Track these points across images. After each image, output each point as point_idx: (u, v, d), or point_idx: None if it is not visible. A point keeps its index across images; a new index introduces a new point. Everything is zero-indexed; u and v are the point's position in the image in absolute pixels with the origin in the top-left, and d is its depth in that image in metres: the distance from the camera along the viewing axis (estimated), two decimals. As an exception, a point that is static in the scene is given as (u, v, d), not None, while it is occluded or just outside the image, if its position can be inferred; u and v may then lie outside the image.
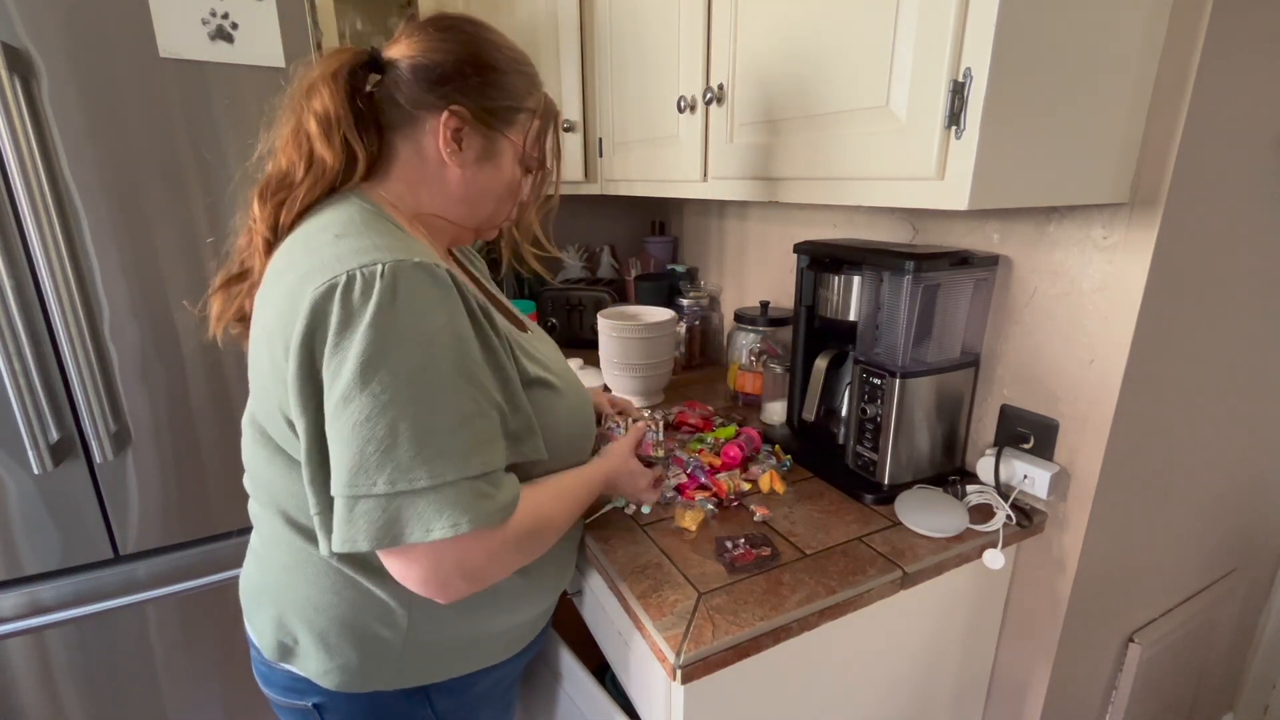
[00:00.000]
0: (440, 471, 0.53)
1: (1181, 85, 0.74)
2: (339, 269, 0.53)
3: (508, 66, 0.68)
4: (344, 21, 1.60)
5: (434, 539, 0.53)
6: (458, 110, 0.65)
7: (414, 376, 0.52)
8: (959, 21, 0.62)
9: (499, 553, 0.59)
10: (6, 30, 0.93)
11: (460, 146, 0.66)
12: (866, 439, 0.98)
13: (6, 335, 0.99)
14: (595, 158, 1.51)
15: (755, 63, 0.94)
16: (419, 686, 0.70)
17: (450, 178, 0.68)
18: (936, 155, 0.66)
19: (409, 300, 0.53)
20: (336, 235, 0.58)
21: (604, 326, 1.34)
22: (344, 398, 0.52)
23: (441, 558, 0.55)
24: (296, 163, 0.63)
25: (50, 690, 1.18)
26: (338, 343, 0.52)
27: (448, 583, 0.56)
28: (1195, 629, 1.20)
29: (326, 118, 0.62)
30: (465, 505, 0.54)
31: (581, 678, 0.90)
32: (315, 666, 0.67)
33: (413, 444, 0.52)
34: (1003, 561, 0.86)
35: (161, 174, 1.06)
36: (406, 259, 0.54)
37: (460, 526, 0.53)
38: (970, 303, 0.95)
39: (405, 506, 0.53)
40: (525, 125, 0.71)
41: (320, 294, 0.52)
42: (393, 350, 0.52)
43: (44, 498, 1.09)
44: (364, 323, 0.52)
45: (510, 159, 0.71)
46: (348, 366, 0.52)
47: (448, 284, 0.56)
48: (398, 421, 0.52)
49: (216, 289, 0.70)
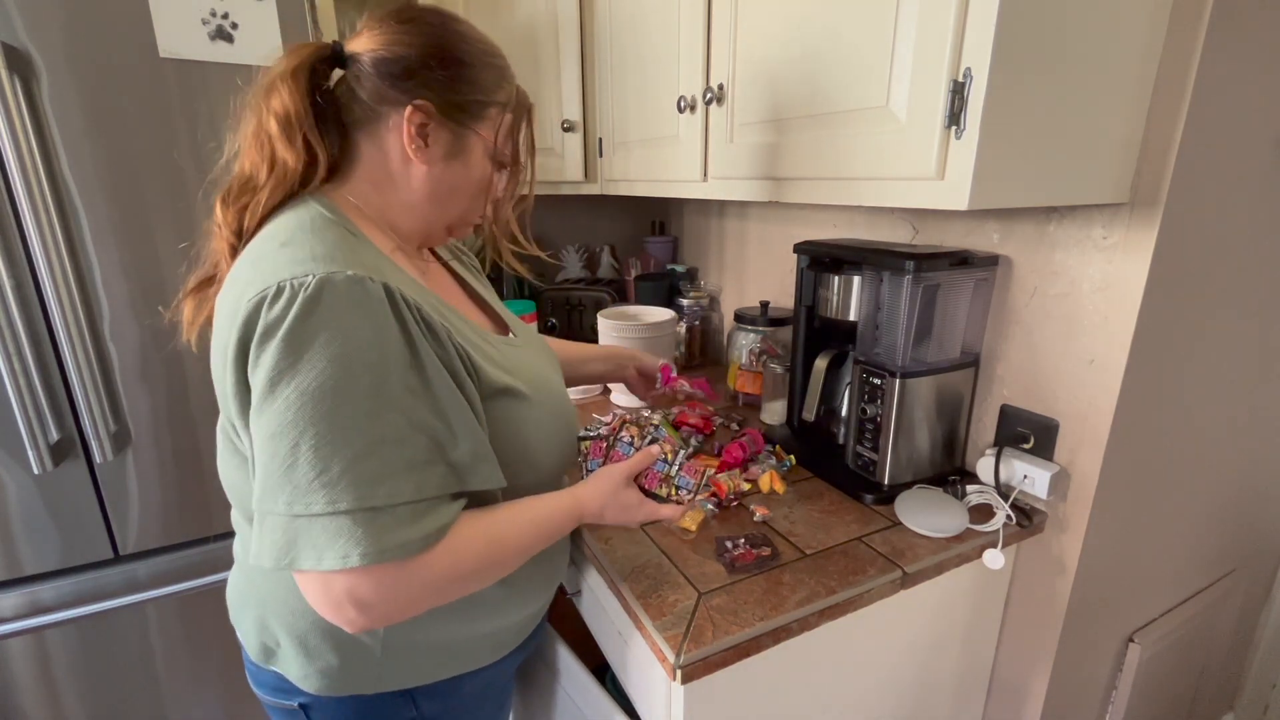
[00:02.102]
0: (336, 499, 0.50)
1: (1181, 85, 0.74)
2: (272, 280, 0.51)
3: (476, 59, 0.65)
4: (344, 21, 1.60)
5: (324, 569, 0.50)
6: (422, 105, 0.62)
7: (321, 395, 0.49)
8: (959, 21, 0.62)
9: (401, 589, 0.54)
10: (6, 30, 0.93)
11: (426, 143, 0.63)
12: (866, 439, 0.98)
13: (6, 335, 0.99)
14: (595, 158, 1.51)
15: (755, 63, 0.94)
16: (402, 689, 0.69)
17: (416, 176, 0.65)
18: (936, 155, 0.66)
19: (329, 315, 0.50)
20: (282, 244, 0.56)
21: (604, 326, 1.34)
22: (256, 410, 0.51)
23: (330, 588, 0.51)
24: (259, 165, 0.61)
25: (50, 690, 1.18)
26: (257, 356, 0.51)
27: (342, 614, 0.53)
28: (1195, 629, 1.20)
29: (286, 117, 0.60)
30: (358, 537, 0.50)
31: (581, 677, 0.90)
32: (296, 670, 0.67)
33: (312, 466, 0.49)
34: (1003, 561, 0.86)
35: (161, 174, 1.06)
36: (339, 271, 0.52)
37: (350, 559, 0.50)
38: (970, 303, 0.95)
39: (302, 531, 0.50)
40: (496, 120, 0.67)
41: (252, 305, 0.51)
42: (303, 366, 0.50)
43: (44, 498, 1.09)
44: (278, 335, 0.50)
45: (480, 155, 0.67)
46: (259, 379, 0.51)
47: (380, 299, 0.53)
48: (300, 440, 0.49)
49: (189, 292, 0.67)
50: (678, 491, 0.73)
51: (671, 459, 0.75)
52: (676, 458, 0.75)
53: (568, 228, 2.01)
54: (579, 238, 2.03)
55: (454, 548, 0.56)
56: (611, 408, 1.38)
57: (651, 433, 0.78)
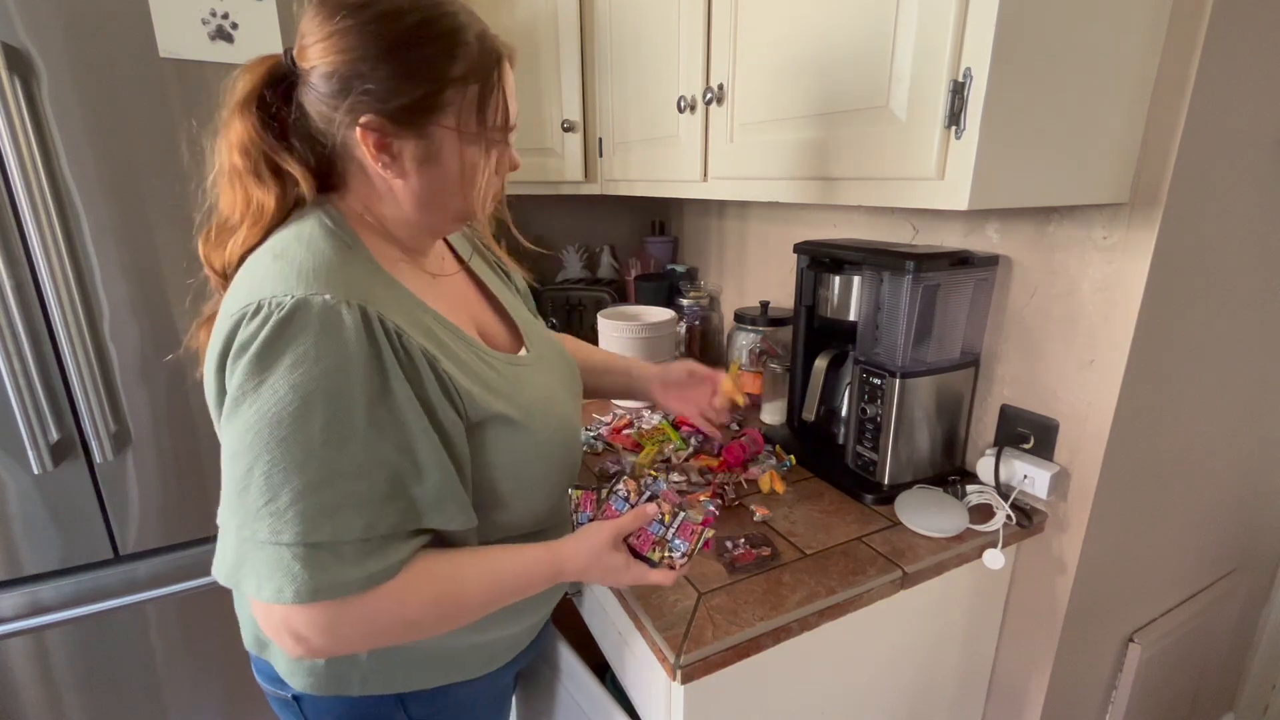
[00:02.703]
0: (279, 530, 0.49)
1: (1181, 85, 0.74)
2: (255, 295, 0.51)
3: (416, 39, 0.55)
4: (344, 21, 1.60)
5: (261, 599, 0.50)
6: (369, 122, 0.55)
7: (278, 421, 0.48)
8: (959, 21, 0.62)
9: (337, 628, 0.52)
10: (6, 30, 0.93)
11: (392, 156, 0.57)
12: (866, 439, 0.98)
13: (6, 335, 0.99)
14: (595, 158, 1.51)
15: (755, 63, 0.94)
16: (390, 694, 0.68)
17: (397, 189, 0.60)
18: (936, 155, 0.66)
19: (296, 339, 0.49)
20: (275, 255, 0.54)
21: (604, 326, 1.34)
22: (223, 424, 0.51)
23: (270, 616, 0.51)
24: (233, 203, 0.59)
25: (50, 690, 1.18)
26: (231, 370, 0.50)
27: (281, 641, 0.52)
28: (1195, 629, 1.20)
29: (246, 152, 0.57)
30: (294, 572, 0.49)
31: (582, 675, 0.90)
32: (284, 665, 0.67)
33: (262, 493, 0.49)
34: (1003, 561, 0.86)
35: (161, 174, 1.06)
36: (317, 294, 0.50)
37: (283, 594, 0.49)
38: (970, 303, 0.95)
39: (247, 554, 0.50)
40: (456, 102, 0.57)
41: (234, 320, 0.50)
42: (265, 389, 0.48)
43: (44, 498, 1.09)
44: (248, 355, 0.49)
45: (453, 146, 0.59)
46: (229, 395, 0.50)
47: (354, 327, 0.50)
48: (254, 465, 0.49)
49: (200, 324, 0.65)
50: (670, 555, 0.67)
51: (669, 520, 0.69)
52: (675, 520, 0.69)
53: (568, 228, 2.01)
54: (579, 238, 2.03)
55: (401, 590, 0.54)
56: (611, 407, 1.38)
57: (650, 487, 0.72)
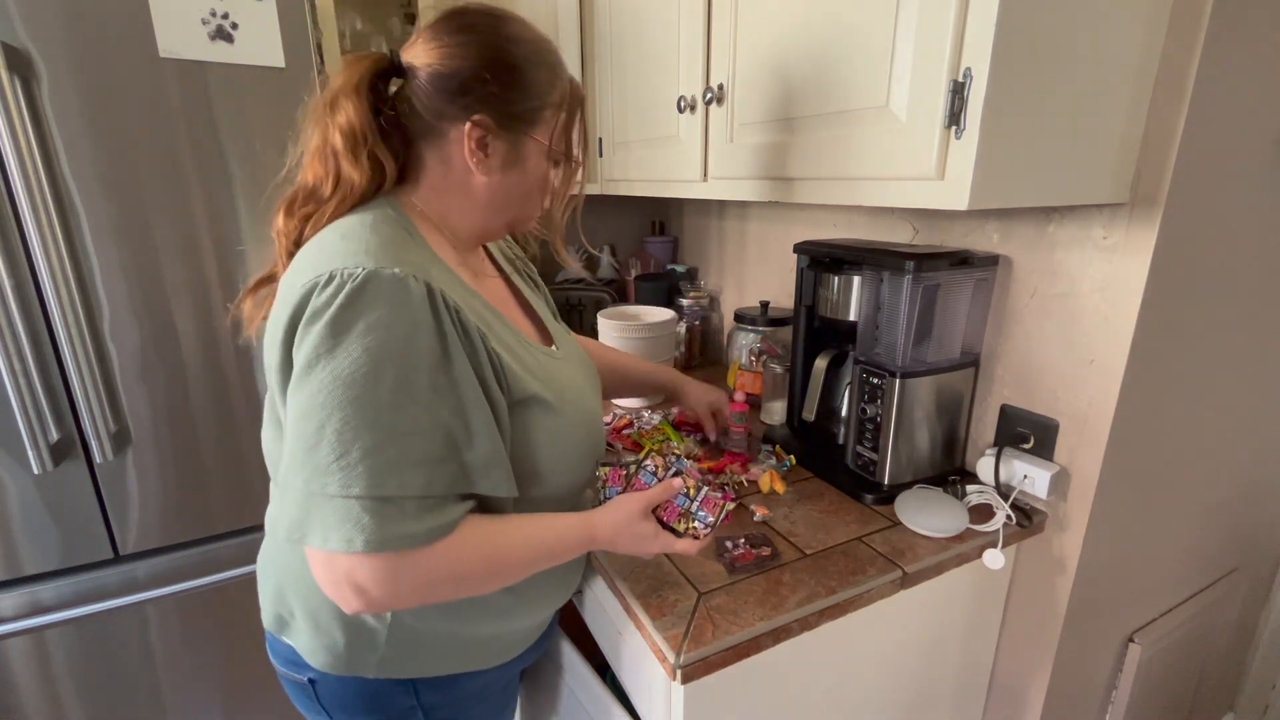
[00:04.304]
0: (349, 483, 0.52)
1: (1181, 85, 0.74)
2: (325, 268, 0.54)
3: (530, 63, 0.65)
4: (344, 21, 1.60)
5: (328, 549, 0.52)
6: (480, 120, 0.63)
7: (351, 382, 0.52)
8: (959, 21, 0.62)
9: (398, 580, 0.55)
10: (6, 30, 0.93)
11: (486, 154, 0.65)
12: (866, 439, 0.98)
13: (6, 335, 0.99)
14: (595, 158, 1.51)
15: (755, 63, 0.94)
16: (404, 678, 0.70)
17: (477, 185, 0.67)
18: (936, 155, 0.66)
19: (370, 307, 0.53)
20: (341, 235, 0.59)
21: (604, 326, 1.34)
22: (293, 388, 0.54)
23: (333, 567, 0.54)
24: (324, 178, 0.63)
25: (50, 690, 1.18)
26: (302, 337, 0.53)
27: (340, 593, 0.55)
28: (1195, 629, 1.20)
29: (352, 133, 0.61)
30: (364, 524, 0.52)
31: (584, 674, 0.90)
32: (305, 643, 0.69)
33: (333, 449, 0.52)
34: (1003, 561, 0.86)
35: (161, 174, 1.06)
36: (388, 267, 0.54)
37: (354, 544, 0.52)
38: (970, 303, 0.95)
39: (314, 508, 0.53)
40: (551, 121, 0.68)
41: (305, 289, 0.54)
42: (339, 352, 0.52)
43: (44, 498, 1.09)
44: (323, 320, 0.52)
45: (537, 158, 0.69)
46: (300, 359, 0.53)
47: (421, 297, 0.55)
48: (326, 423, 0.52)
49: (248, 292, 0.69)
50: (695, 526, 0.71)
51: (693, 493, 0.73)
52: (699, 493, 0.73)
53: (568, 227, 2.01)
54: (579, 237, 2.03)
55: (456, 547, 0.57)
56: (610, 407, 1.38)
57: (675, 464, 0.76)
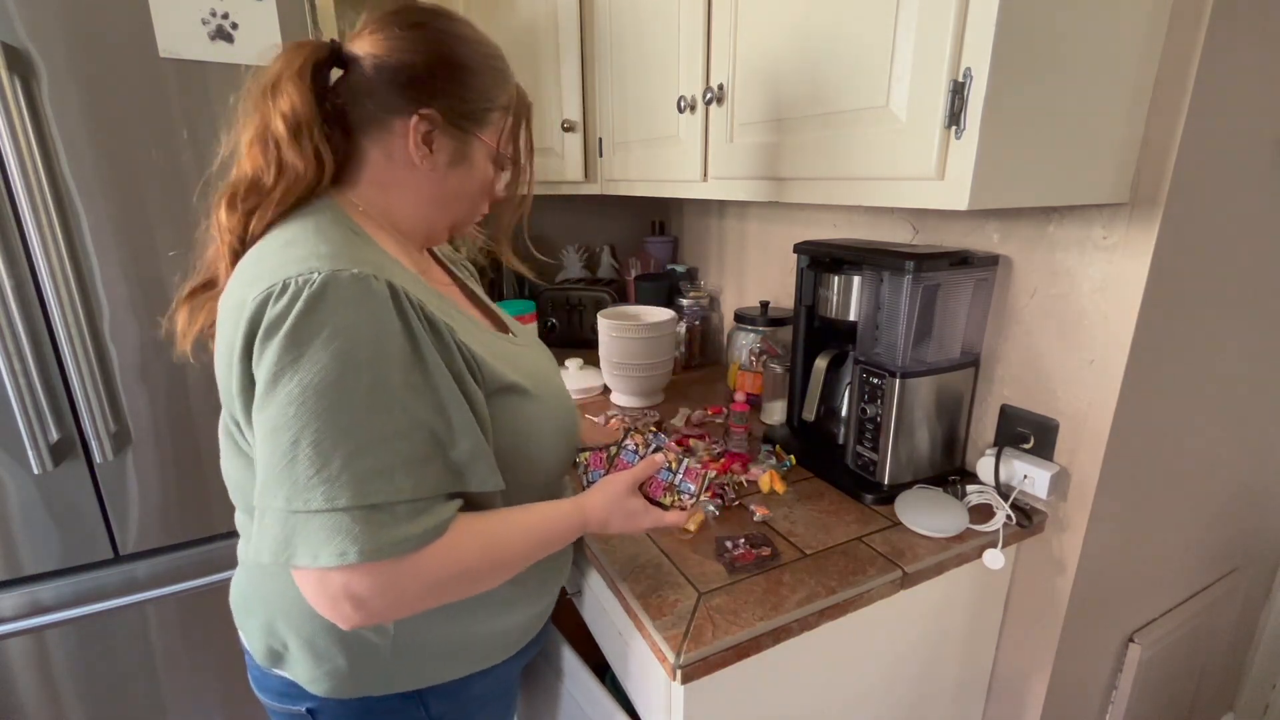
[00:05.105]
0: (335, 495, 0.50)
1: (1181, 85, 0.74)
2: (278, 276, 0.52)
3: (479, 64, 0.65)
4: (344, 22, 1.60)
5: (320, 565, 0.50)
6: (428, 114, 0.62)
7: (322, 391, 0.50)
8: (959, 21, 0.62)
9: (397, 586, 0.54)
10: (6, 30, 0.93)
11: (431, 150, 0.64)
12: (866, 439, 0.98)
13: (6, 335, 0.98)
14: (595, 158, 1.51)
15: (755, 63, 0.94)
16: (412, 690, 0.69)
17: (421, 181, 0.66)
18: (936, 155, 0.66)
19: (333, 311, 0.51)
20: (286, 243, 0.56)
21: (604, 326, 1.34)
22: (258, 405, 0.52)
23: (327, 584, 0.52)
24: (264, 168, 0.60)
25: (50, 690, 1.18)
26: (261, 351, 0.51)
27: (338, 610, 0.53)
28: (1195, 629, 1.20)
29: (295, 119, 0.59)
30: (355, 534, 0.50)
31: (583, 676, 0.90)
32: (305, 672, 0.66)
33: (311, 463, 0.50)
34: (1003, 561, 0.86)
35: (161, 174, 1.06)
36: (344, 269, 0.52)
37: (348, 556, 0.50)
38: (970, 303, 0.95)
39: (299, 527, 0.50)
40: (498, 123, 0.68)
41: (258, 302, 0.51)
42: (305, 361, 0.50)
43: (44, 498, 1.09)
44: (282, 331, 0.50)
45: (483, 158, 0.68)
46: (262, 375, 0.51)
47: (384, 297, 0.53)
48: (300, 436, 0.50)
49: (183, 300, 0.67)
50: (680, 498, 0.72)
51: (675, 466, 0.74)
52: (680, 465, 0.74)
53: (568, 228, 2.01)
54: (579, 238, 2.03)
55: (452, 546, 0.56)
56: (610, 407, 1.38)
57: (654, 440, 0.77)
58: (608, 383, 1.41)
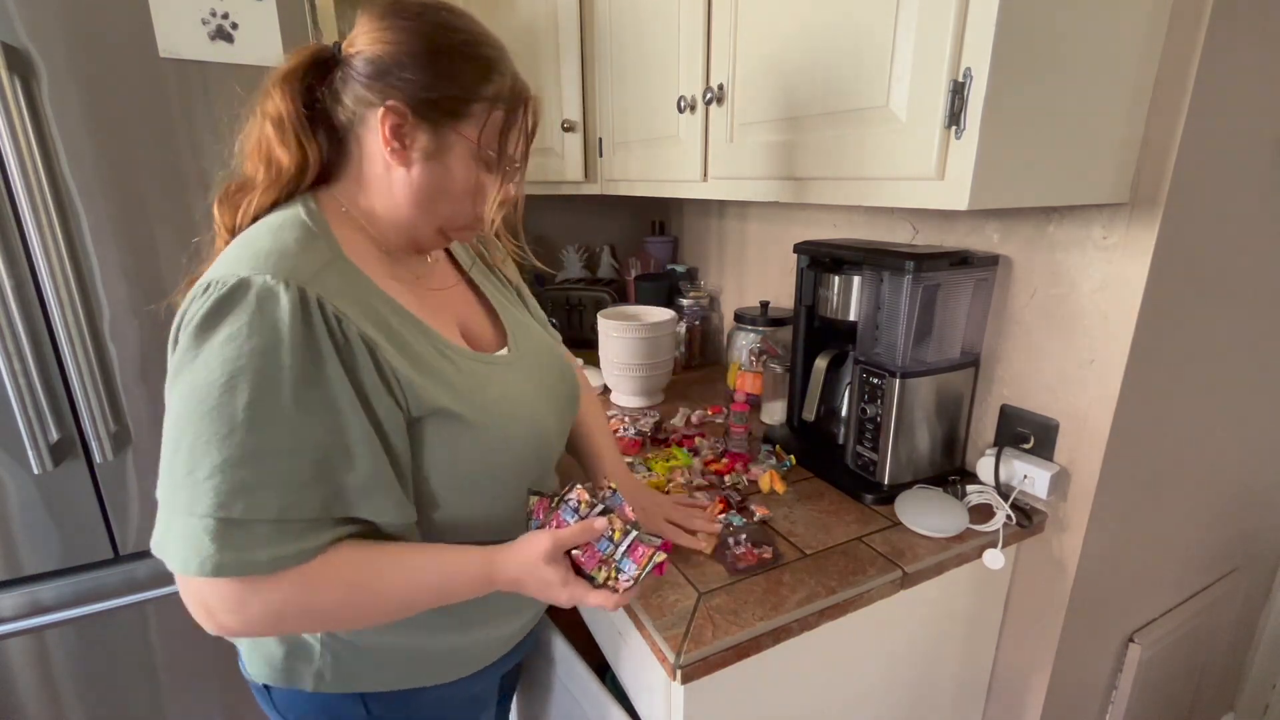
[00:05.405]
0: (195, 501, 0.49)
1: (1181, 85, 0.74)
2: (213, 274, 0.53)
3: (457, 52, 0.61)
4: (344, 22, 1.60)
5: (172, 568, 0.51)
6: (393, 105, 0.58)
7: (205, 394, 0.50)
8: (959, 21, 0.62)
9: (243, 607, 0.52)
10: (6, 30, 0.93)
11: (403, 144, 0.60)
12: (866, 439, 0.98)
13: (6, 335, 0.98)
14: (595, 158, 1.51)
15: (755, 63, 0.94)
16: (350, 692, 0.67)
17: (396, 178, 0.62)
18: (936, 155, 0.66)
19: (232, 316, 0.50)
20: (241, 241, 0.57)
21: (604, 326, 1.34)
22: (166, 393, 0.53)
23: (185, 586, 0.52)
24: (258, 167, 0.62)
25: (50, 690, 1.18)
26: (172, 345, 0.53)
27: (196, 614, 0.53)
28: (1195, 629, 1.20)
29: (280, 121, 0.60)
30: (203, 546, 0.49)
31: (583, 675, 0.90)
32: (246, 653, 0.68)
33: (185, 463, 0.50)
34: (1003, 561, 0.86)
35: (161, 174, 1.06)
36: (261, 274, 0.51)
37: (189, 565, 0.50)
38: (970, 303, 0.95)
39: (171, 524, 0.51)
40: (481, 118, 0.62)
41: (190, 297, 0.53)
42: (198, 363, 0.50)
43: (44, 498, 1.09)
44: (190, 328, 0.51)
45: (464, 155, 0.62)
46: (170, 367, 0.53)
47: (290, 309, 0.51)
48: (181, 436, 0.50)
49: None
50: (617, 576, 0.62)
51: (618, 538, 0.63)
52: (625, 538, 0.63)
53: (568, 228, 2.01)
54: (579, 238, 2.03)
55: (313, 578, 0.54)
56: (610, 407, 1.38)
57: (605, 501, 0.66)
58: (608, 383, 1.41)
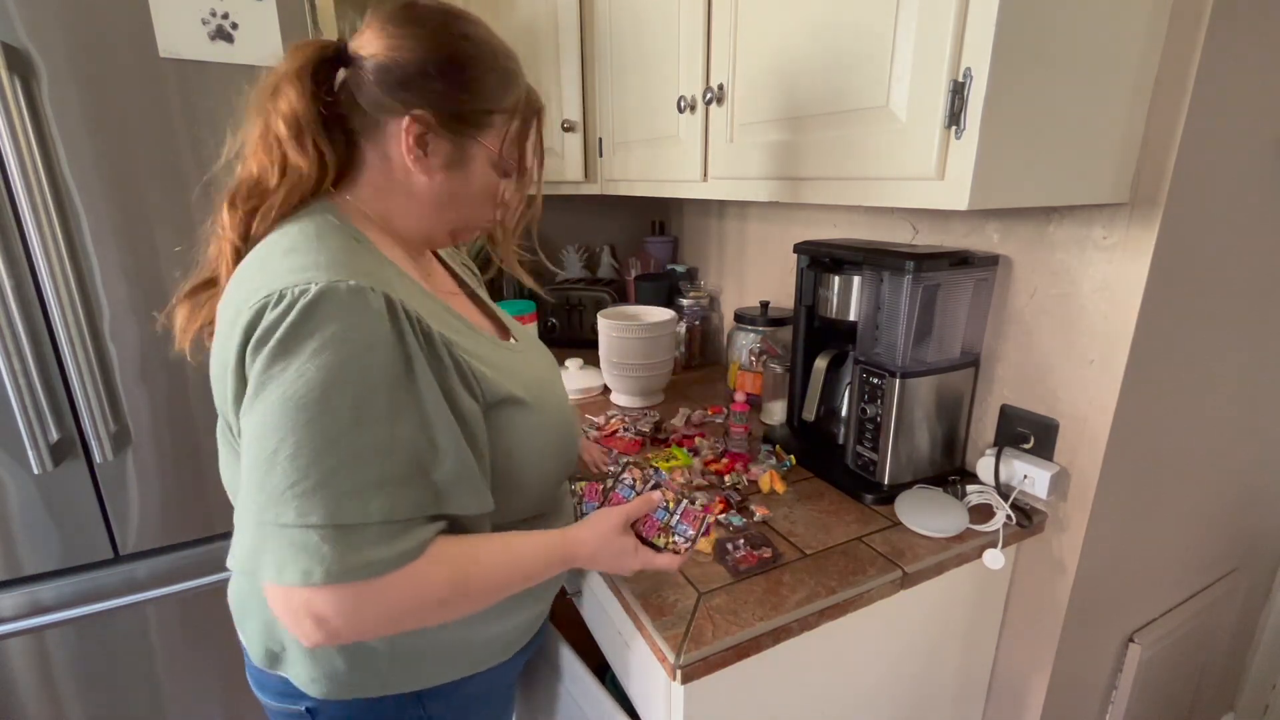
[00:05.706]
0: (306, 512, 0.49)
1: (1181, 85, 0.74)
2: (275, 285, 0.52)
3: (480, 64, 0.62)
4: (344, 22, 1.60)
5: (284, 583, 0.49)
6: (419, 116, 0.60)
7: (305, 403, 0.49)
8: (959, 21, 0.62)
9: (360, 610, 0.52)
10: (6, 30, 0.93)
11: (425, 153, 0.62)
12: (866, 439, 0.98)
13: (6, 335, 0.98)
14: (595, 158, 1.51)
15: (755, 63, 0.94)
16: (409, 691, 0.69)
17: (417, 185, 0.63)
18: (936, 155, 0.66)
19: (324, 322, 0.50)
20: (285, 250, 0.56)
21: (604, 326, 1.34)
22: (245, 411, 0.52)
23: (290, 600, 0.50)
24: (269, 168, 0.60)
25: (50, 690, 1.18)
26: (253, 359, 0.51)
27: (299, 627, 0.51)
28: (1195, 629, 1.20)
29: (295, 120, 0.59)
30: (323, 554, 0.49)
31: (582, 676, 0.90)
32: (302, 673, 0.66)
33: (287, 475, 0.49)
34: (1003, 561, 0.86)
35: (161, 174, 1.06)
36: (342, 280, 0.51)
37: (312, 575, 0.49)
38: (970, 303, 0.95)
39: (269, 539, 0.50)
40: (501, 127, 0.65)
41: (254, 310, 0.51)
42: (291, 372, 0.49)
43: (44, 498, 1.09)
44: (273, 340, 0.50)
45: (482, 164, 0.65)
46: (251, 381, 0.51)
47: (379, 311, 0.52)
48: (279, 448, 0.49)
49: (182, 298, 0.66)
50: (675, 540, 0.69)
51: (673, 506, 0.71)
52: (678, 506, 0.71)
53: (568, 228, 2.01)
54: (579, 238, 2.03)
55: (420, 574, 0.54)
56: (610, 407, 1.38)
57: (654, 477, 0.74)
58: (608, 383, 1.41)
